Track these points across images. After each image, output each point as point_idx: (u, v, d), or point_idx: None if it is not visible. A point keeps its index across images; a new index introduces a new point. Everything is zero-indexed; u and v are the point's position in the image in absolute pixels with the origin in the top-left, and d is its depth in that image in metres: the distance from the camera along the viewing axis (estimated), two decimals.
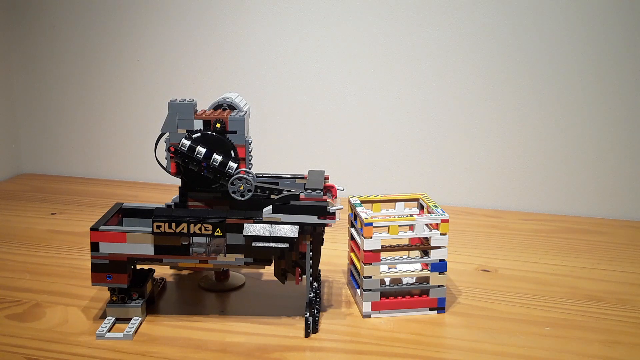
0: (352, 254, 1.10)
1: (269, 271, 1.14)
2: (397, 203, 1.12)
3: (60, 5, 1.74)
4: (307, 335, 0.96)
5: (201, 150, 0.97)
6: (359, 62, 1.60)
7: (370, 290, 1.01)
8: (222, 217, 0.96)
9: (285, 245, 0.95)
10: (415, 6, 1.54)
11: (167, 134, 0.99)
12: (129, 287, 0.98)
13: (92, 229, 0.96)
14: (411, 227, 1.03)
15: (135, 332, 0.96)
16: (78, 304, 1.05)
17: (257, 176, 1.04)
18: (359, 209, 1.04)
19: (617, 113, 1.50)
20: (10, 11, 1.78)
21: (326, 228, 0.99)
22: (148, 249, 0.96)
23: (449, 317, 1.02)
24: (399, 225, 1.01)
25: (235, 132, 0.98)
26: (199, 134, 0.98)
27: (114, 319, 0.98)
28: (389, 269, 1.05)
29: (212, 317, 1.01)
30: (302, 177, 1.06)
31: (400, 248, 1.04)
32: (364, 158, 1.64)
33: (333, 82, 1.62)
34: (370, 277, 1.01)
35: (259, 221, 0.96)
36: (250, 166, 1.00)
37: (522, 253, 1.29)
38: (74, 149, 1.83)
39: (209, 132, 0.98)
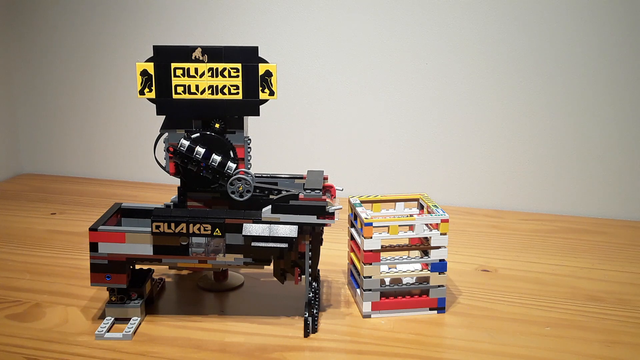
0: (352, 254, 1.10)
1: (268, 271, 1.14)
2: (397, 203, 1.12)
3: (61, 6, 1.74)
4: (306, 335, 0.96)
5: (200, 150, 0.97)
6: (358, 62, 1.60)
7: (370, 290, 1.01)
8: (221, 217, 0.96)
9: (285, 245, 0.95)
10: (415, 6, 1.53)
11: (166, 133, 0.99)
12: (127, 287, 0.98)
13: (91, 229, 0.96)
14: (411, 227, 1.02)
15: (135, 332, 0.96)
16: (78, 304, 1.05)
17: (256, 176, 1.04)
18: (359, 209, 1.04)
19: (617, 113, 1.49)
20: (10, 11, 1.78)
21: (326, 228, 0.99)
22: (147, 249, 0.96)
23: (449, 317, 1.02)
24: (399, 225, 1.01)
25: (234, 132, 0.98)
26: (197, 134, 0.97)
27: (113, 319, 0.98)
28: (389, 269, 1.05)
29: (212, 317, 1.01)
30: (301, 177, 1.06)
31: (400, 248, 1.04)
32: (363, 158, 1.64)
33: (332, 82, 1.62)
34: (370, 277, 1.01)
35: (258, 221, 0.96)
36: (249, 166, 1.00)
37: (522, 253, 1.29)
38: (74, 149, 1.83)
39: (208, 132, 0.98)
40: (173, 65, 0.95)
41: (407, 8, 1.54)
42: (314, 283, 1.01)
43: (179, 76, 0.96)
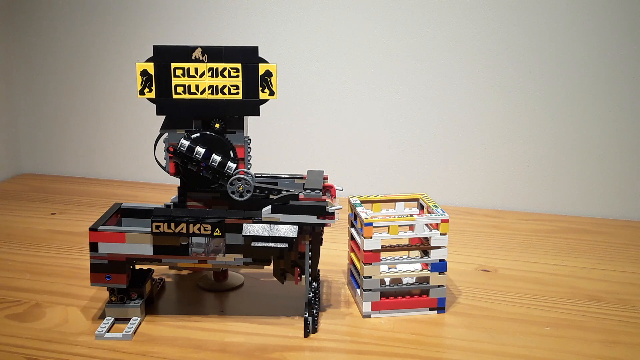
0: (352, 254, 1.10)
1: (268, 271, 1.14)
2: (397, 203, 1.12)
3: (61, 6, 1.74)
4: (306, 335, 0.96)
5: (200, 150, 0.97)
6: (358, 62, 1.60)
7: (370, 290, 1.01)
8: (221, 217, 0.96)
9: (285, 245, 0.95)
10: (415, 6, 1.53)
11: (166, 133, 0.99)
12: (127, 287, 0.98)
13: (91, 229, 0.96)
14: (411, 227, 1.02)
15: (135, 332, 0.96)
16: (78, 304, 1.05)
17: (256, 176, 1.04)
18: (359, 209, 1.04)
19: (617, 113, 1.49)
20: (10, 11, 1.78)
21: (326, 228, 0.99)
22: (147, 249, 0.96)
23: (449, 317, 1.02)
24: (399, 225, 1.01)
25: (234, 132, 0.98)
26: (197, 134, 0.97)
27: (113, 319, 0.98)
28: (389, 269, 1.05)
29: (212, 317, 1.01)
30: (301, 177, 1.06)
31: (400, 248, 1.04)
32: (364, 158, 1.64)
33: (332, 82, 1.62)
34: (370, 277, 1.01)
35: (258, 221, 0.96)
36: (249, 166, 1.00)
37: (522, 253, 1.29)
38: (74, 149, 1.83)
39: (208, 132, 0.98)
40: (173, 65, 0.95)
41: (407, 8, 1.54)
42: (314, 283, 1.01)
43: (179, 76, 0.96)
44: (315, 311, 0.98)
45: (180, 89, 0.96)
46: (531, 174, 1.56)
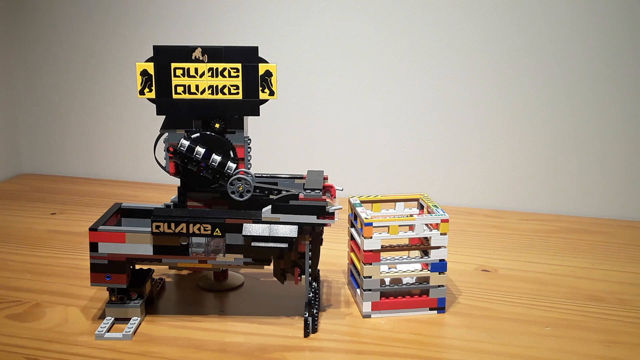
0: (352, 254, 1.10)
1: (268, 271, 1.14)
2: (397, 203, 1.12)
3: (61, 6, 1.74)
4: (306, 335, 0.96)
5: (200, 150, 0.97)
6: (358, 62, 1.60)
7: (370, 290, 1.01)
8: (221, 217, 0.96)
9: (285, 245, 0.95)
10: (415, 6, 1.53)
11: (166, 133, 0.99)
12: (127, 287, 0.98)
13: (91, 229, 0.96)
14: (411, 227, 1.02)
15: (135, 332, 0.96)
16: (78, 304, 1.05)
17: (256, 176, 1.04)
18: (359, 209, 1.04)
19: (617, 113, 1.49)
20: (10, 11, 1.78)
21: (326, 228, 0.99)
22: (147, 249, 0.96)
23: (449, 317, 1.02)
24: (399, 225, 1.01)
25: (234, 132, 0.98)
26: (197, 134, 0.97)
27: (113, 319, 0.98)
28: (389, 269, 1.05)
29: (212, 317, 1.01)
30: (301, 177, 1.06)
31: (400, 248, 1.04)
32: (364, 158, 1.64)
33: (332, 82, 1.62)
34: (370, 277, 1.01)
35: (258, 221, 0.96)
36: (249, 166, 1.00)
37: (522, 253, 1.29)
38: (74, 149, 1.83)
39: (208, 132, 0.98)
40: (173, 65, 0.95)
41: (407, 8, 1.54)
42: (314, 283, 1.01)
43: (179, 76, 0.96)
44: (315, 311, 0.98)
45: (180, 89, 0.96)
46: (531, 174, 1.56)
